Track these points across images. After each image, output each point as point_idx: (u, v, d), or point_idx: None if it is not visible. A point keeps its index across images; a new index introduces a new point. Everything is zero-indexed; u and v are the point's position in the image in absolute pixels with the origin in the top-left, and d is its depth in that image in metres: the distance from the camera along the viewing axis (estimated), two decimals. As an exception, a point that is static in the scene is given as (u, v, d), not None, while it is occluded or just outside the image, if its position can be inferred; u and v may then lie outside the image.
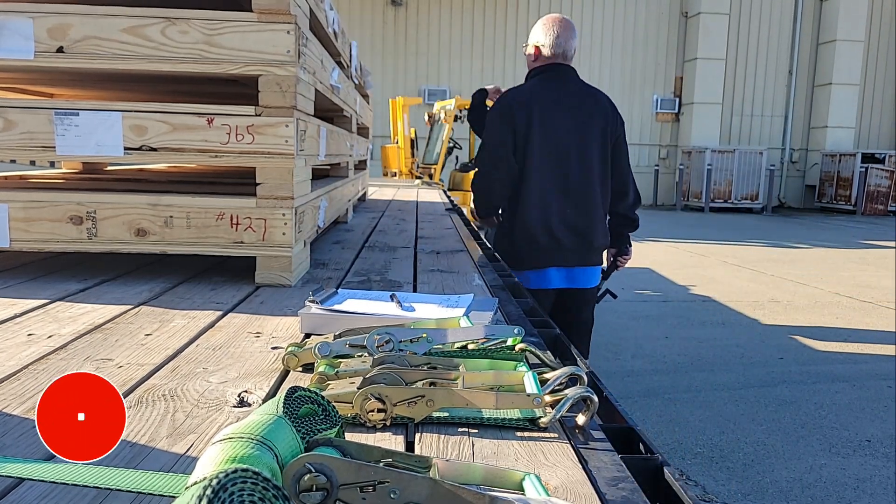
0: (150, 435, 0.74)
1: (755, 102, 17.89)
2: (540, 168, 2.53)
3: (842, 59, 17.08)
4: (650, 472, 0.70)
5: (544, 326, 1.29)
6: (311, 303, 1.19)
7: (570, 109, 2.57)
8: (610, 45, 17.21)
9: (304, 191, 1.73)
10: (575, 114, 2.57)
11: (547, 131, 2.53)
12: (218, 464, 0.47)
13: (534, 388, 0.78)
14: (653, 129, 17.71)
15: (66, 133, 1.51)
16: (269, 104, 1.53)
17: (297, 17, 1.54)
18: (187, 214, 1.56)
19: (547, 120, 2.54)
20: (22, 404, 0.83)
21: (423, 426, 0.77)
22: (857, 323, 5.48)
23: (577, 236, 2.57)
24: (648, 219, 13.93)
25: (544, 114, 2.54)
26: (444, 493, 0.51)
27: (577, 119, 2.57)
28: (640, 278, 7.14)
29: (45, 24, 1.47)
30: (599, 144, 2.60)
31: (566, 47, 2.64)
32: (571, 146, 2.55)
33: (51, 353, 1.04)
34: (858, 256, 9.18)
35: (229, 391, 0.89)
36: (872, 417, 3.54)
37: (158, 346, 1.09)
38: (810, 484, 2.83)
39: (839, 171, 16.92)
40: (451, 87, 16.30)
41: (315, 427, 0.58)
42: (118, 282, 1.60)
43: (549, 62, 2.64)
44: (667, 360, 4.45)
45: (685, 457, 3.06)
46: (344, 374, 0.85)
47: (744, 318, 5.58)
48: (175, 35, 1.49)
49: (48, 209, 1.55)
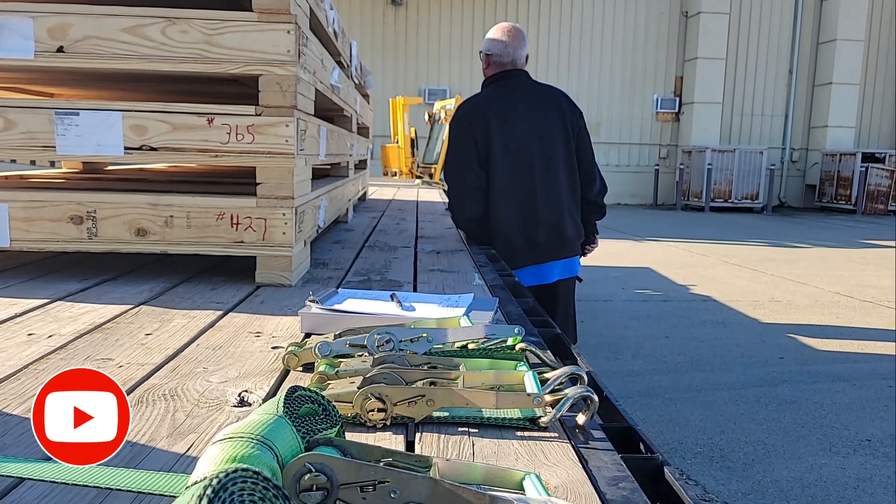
0: (151, 434, 0.74)
1: (755, 102, 17.88)
2: (505, 171, 2.61)
3: (842, 58, 17.06)
4: (650, 472, 0.70)
5: (544, 326, 1.29)
6: (311, 302, 1.19)
7: (526, 110, 2.64)
8: (610, 44, 17.20)
9: (305, 190, 1.73)
10: (532, 113, 2.65)
11: (506, 134, 2.60)
12: (218, 463, 0.47)
13: (534, 388, 0.78)
14: (653, 128, 17.70)
15: (66, 133, 1.51)
16: (269, 104, 1.53)
17: (298, 17, 1.54)
18: (188, 214, 1.56)
19: (505, 123, 2.61)
20: (22, 404, 0.83)
21: (423, 426, 0.77)
22: (857, 322, 5.48)
23: (549, 231, 2.65)
24: (648, 218, 13.94)
25: (501, 118, 2.61)
26: (444, 492, 0.51)
27: (535, 117, 2.64)
28: (640, 278, 7.14)
29: (45, 23, 1.47)
30: (561, 138, 2.67)
31: (515, 55, 2.71)
32: (532, 144, 2.62)
33: (51, 353, 1.04)
34: (859, 256, 9.18)
35: (229, 391, 0.89)
36: (872, 417, 3.54)
37: (159, 346, 1.09)
38: (810, 483, 2.83)
39: (839, 170, 16.91)
40: (451, 86, 16.28)
41: (315, 427, 0.58)
42: (118, 281, 1.60)
43: (500, 70, 2.71)
44: (667, 360, 4.45)
45: (685, 456, 3.06)
46: (344, 373, 0.85)
47: (744, 317, 5.58)
48: (175, 35, 1.49)
49: (48, 209, 1.55)
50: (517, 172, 2.62)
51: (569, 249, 2.75)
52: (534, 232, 2.64)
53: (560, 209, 2.67)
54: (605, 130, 16.94)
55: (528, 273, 2.65)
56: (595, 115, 16.58)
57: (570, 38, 16.98)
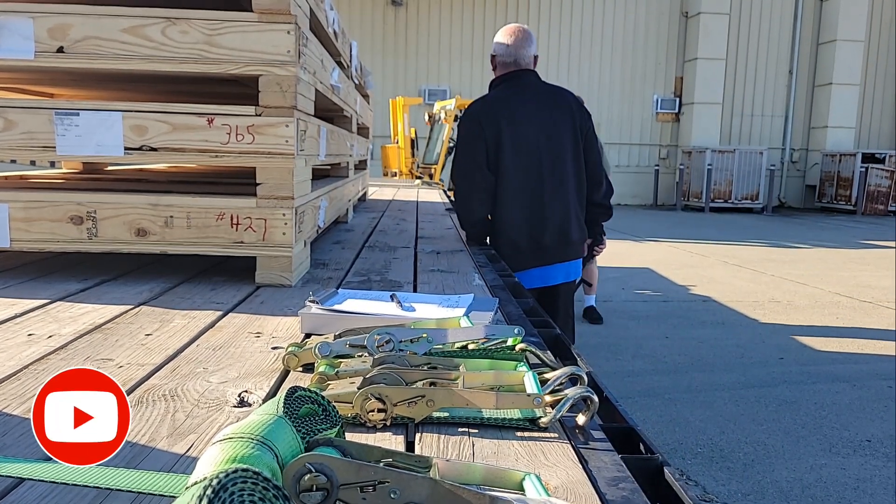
0: (151, 435, 0.74)
1: (755, 102, 17.88)
2: (514, 172, 2.60)
3: (842, 58, 17.06)
4: (650, 472, 0.70)
5: (544, 326, 1.29)
6: (311, 303, 1.19)
7: (536, 112, 2.64)
8: (610, 45, 17.20)
9: (305, 191, 1.73)
10: (541, 115, 2.64)
11: (516, 136, 2.59)
12: (218, 464, 0.47)
13: (534, 388, 0.78)
14: (653, 129, 17.70)
15: (66, 133, 1.51)
16: (269, 104, 1.53)
17: (298, 17, 1.54)
18: (188, 214, 1.56)
19: (514, 125, 2.60)
20: (22, 404, 0.83)
21: (423, 426, 0.77)
22: (857, 323, 5.48)
23: (555, 234, 2.65)
24: (648, 219, 13.93)
25: (511, 119, 2.61)
26: (444, 493, 0.51)
27: (544, 119, 2.64)
28: (640, 278, 7.14)
29: (45, 24, 1.47)
30: (570, 141, 2.66)
31: (518, 55, 2.69)
32: (542, 147, 2.62)
33: (51, 353, 1.04)
34: (858, 256, 9.18)
35: (229, 391, 0.89)
36: (872, 417, 3.54)
37: (159, 346, 1.09)
38: (810, 484, 2.83)
39: (839, 171, 16.91)
40: (451, 87, 16.29)
41: (315, 427, 0.58)
42: (118, 282, 1.60)
43: (508, 70, 2.71)
44: (667, 360, 4.45)
45: (685, 457, 3.06)
46: (344, 374, 0.85)
47: (744, 318, 5.57)
48: (175, 35, 1.49)
49: (48, 209, 1.55)
50: (526, 174, 2.62)
51: (572, 252, 2.75)
52: (540, 234, 2.63)
53: (566, 211, 2.66)
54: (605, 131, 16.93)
55: (533, 275, 2.64)
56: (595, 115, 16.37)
57: (570, 39, 16.98)
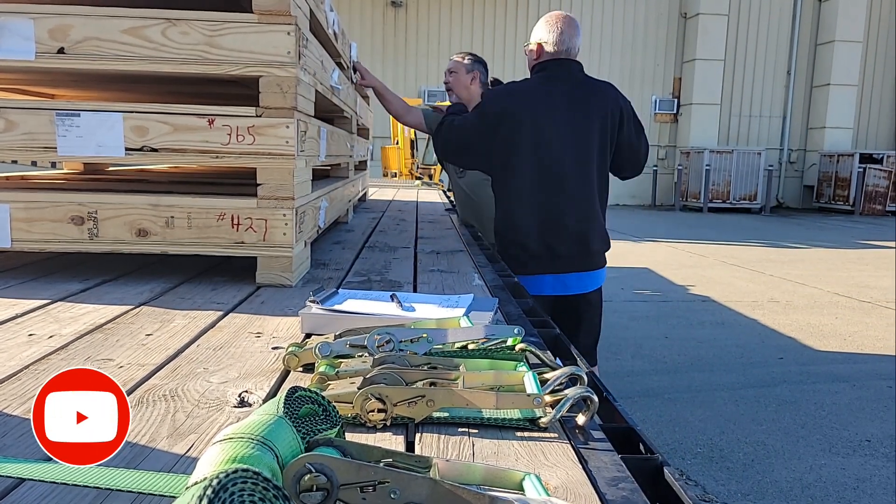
0: (151, 435, 0.74)
1: (754, 103, 17.90)
2: (531, 174, 2.45)
3: (840, 59, 17.08)
4: (650, 472, 0.70)
5: (544, 326, 1.29)
6: (311, 303, 1.20)
7: (568, 110, 2.48)
8: (609, 45, 17.21)
9: (305, 191, 1.73)
10: (574, 113, 2.48)
11: (539, 132, 2.44)
12: (218, 464, 0.47)
13: (534, 388, 0.78)
14: (651, 129, 17.69)
15: (67, 134, 1.51)
16: (269, 105, 1.53)
17: (298, 19, 1.54)
18: (188, 215, 1.56)
19: (540, 120, 2.45)
20: (22, 404, 0.83)
21: (423, 426, 0.77)
22: (857, 323, 5.49)
23: (574, 243, 2.49)
24: (647, 219, 13.94)
25: (538, 114, 2.45)
26: (444, 493, 0.51)
27: (576, 118, 2.48)
28: (639, 278, 7.14)
29: (45, 24, 1.47)
30: (598, 144, 2.50)
31: (570, 44, 2.55)
32: (568, 148, 2.46)
33: (51, 354, 1.04)
34: (857, 256, 9.18)
35: (230, 391, 0.89)
36: (872, 417, 3.54)
37: (159, 347, 1.09)
38: (810, 484, 2.83)
39: (837, 171, 16.92)
40: (451, 87, 16.28)
41: (315, 427, 0.58)
42: (119, 282, 1.60)
43: (552, 58, 2.55)
44: (667, 360, 4.46)
45: (685, 457, 3.06)
46: (344, 374, 0.86)
47: (743, 318, 5.58)
48: (176, 36, 1.49)
49: (49, 209, 1.55)
50: (546, 177, 2.44)
51: (592, 262, 2.57)
52: (556, 242, 2.46)
53: (589, 220, 2.50)
54: (604, 131, 16.92)
55: (546, 282, 2.50)
56: (594, 115, 16.56)
57: (569, 39, 16.96)
